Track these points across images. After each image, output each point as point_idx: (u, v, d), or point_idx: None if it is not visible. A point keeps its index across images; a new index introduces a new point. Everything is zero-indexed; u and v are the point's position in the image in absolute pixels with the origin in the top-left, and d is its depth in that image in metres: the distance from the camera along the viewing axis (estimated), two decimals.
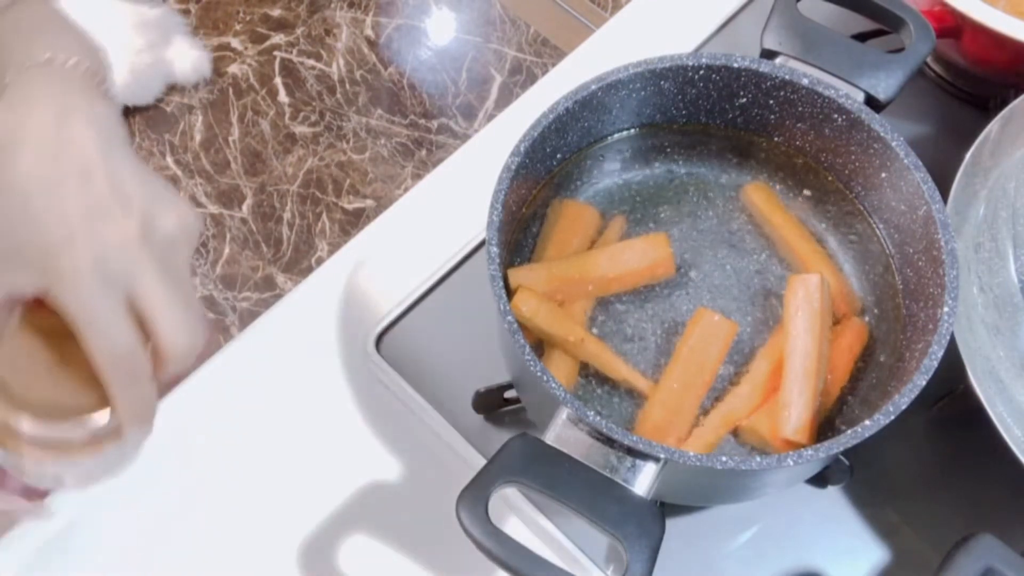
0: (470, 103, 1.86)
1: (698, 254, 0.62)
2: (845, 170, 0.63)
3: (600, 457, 0.49)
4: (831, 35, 0.62)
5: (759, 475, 0.53)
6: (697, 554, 0.62)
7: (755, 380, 0.58)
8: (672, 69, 0.60)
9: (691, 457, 0.50)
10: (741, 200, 0.64)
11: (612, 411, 0.58)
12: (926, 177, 0.56)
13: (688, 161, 0.65)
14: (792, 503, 0.63)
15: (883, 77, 0.60)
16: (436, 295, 0.70)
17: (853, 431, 0.50)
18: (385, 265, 0.73)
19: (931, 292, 0.55)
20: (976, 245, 0.61)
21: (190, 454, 0.62)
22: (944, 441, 0.65)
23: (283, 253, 1.76)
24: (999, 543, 0.52)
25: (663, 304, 0.61)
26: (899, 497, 0.63)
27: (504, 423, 0.65)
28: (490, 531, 0.47)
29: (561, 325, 0.58)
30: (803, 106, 0.61)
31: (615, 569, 0.61)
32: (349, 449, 0.66)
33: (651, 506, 0.49)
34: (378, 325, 0.68)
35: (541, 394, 0.54)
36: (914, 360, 0.54)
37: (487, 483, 0.48)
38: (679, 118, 0.65)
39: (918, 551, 0.61)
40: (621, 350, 0.59)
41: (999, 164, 0.63)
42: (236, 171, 1.83)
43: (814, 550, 0.62)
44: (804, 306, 0.57)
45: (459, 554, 0.57)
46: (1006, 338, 0.58)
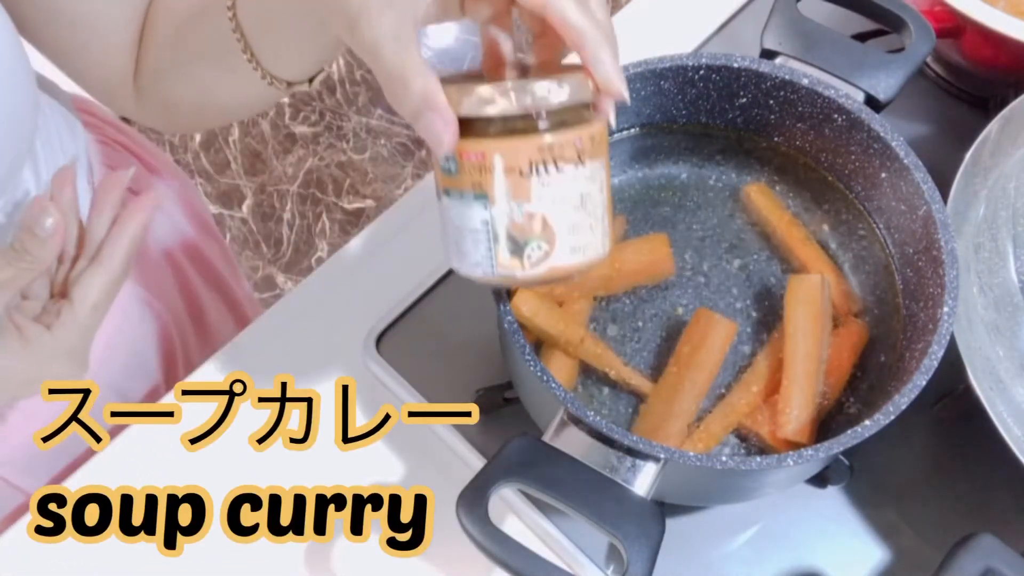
0: None
1: (698, 254, 0.62)
2: (845, 170, 0.63)
3: (600, 457, 0.49)
4: (831, 35, 0.62)
5: (759, 475, 0.53)
6: (697, 554, 0.62)
7: (755, 380, 0.58)
8: (672, 69, 0.60)
9: (691, 457, 0.50)
10: (741, 200, 0.64)
11: (612, 411, 0.58)
12: (926, 177, 0.56)
13: (688, 161, 0.65)
14: (792, 503, 0.63)
15: (883, 77, 0.60)
16: (436, 295, 0.70)
17: (853, 431, 0.50)
18: (385, 265, 0.73)
19: (931, 292, 0.55)
20: (976, 245, 0.61)
21: (189, 454, 0.62)
22: (944, 441, 0.65)
23: (283, 253, 1.76)
24: (999, 543, 0.52)
25: (663, 304, 0.61)
26: (899, 497, 0.63)
27: (504, 423, 0.65)
28: (490, 531, 0.47)
29: (561, 325, 0.58)
30: (803, 106, 0.61)
31: (615, 569, 0.61)
32: (349, 449, 0.65)
33: (651, 506, 0.49)
34: (378, 325, 0.68)
35: (541, 394, 0.54)
36: (914, 360, 0.54)
37: (487, 483, 0.48)
38: (679, 118, 0.65)
39: (918, 551, 0.61)
40: (621, 350, 0.59)
41: (999, 164, 0.63)
42: (236, 171, 1.83)
43: (814, 550, 0.62)
44: (804, 306, 0.57)
45: (459, 554, 0.57)
46: (1006, 338, 0.58)
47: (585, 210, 0.44)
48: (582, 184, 0.44)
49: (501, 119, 0.42)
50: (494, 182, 0.43)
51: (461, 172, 0.43)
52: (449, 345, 0.68)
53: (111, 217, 0.56)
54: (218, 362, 0.70)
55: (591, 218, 0.45)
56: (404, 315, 0.69)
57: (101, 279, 0.54)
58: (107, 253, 0.55)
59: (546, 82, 0.42)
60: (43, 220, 0.52)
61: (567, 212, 0.44)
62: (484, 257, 0.44)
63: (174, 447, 0.62)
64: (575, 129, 0.43)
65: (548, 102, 0.42)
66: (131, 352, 0.74)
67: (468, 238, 0.45)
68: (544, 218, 0.43)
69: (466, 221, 0.44)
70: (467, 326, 0.68)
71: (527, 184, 0.43)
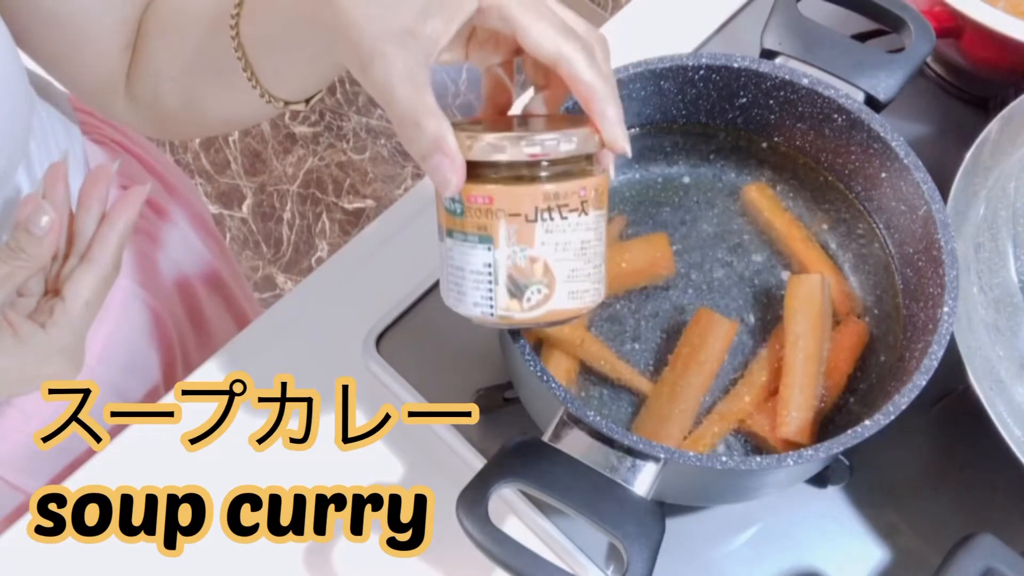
0: (470, 103, 1.86)
1: (698, 254, 0.62)
2: (845, 170, 0.63)
3: (600, 457, 0.49)
4: (831, 35, 0.62)
5: (759, 475, 0.53)
6: (697, 554, 0.62)
7: (755, 380, 0.58)
8: (672, 69, 0.60)
9: (691, 457, 0.50)
10: (741, 200, 0.64)
11: (612, 411, 0.58)
12: (926, 177, 0.56)
13: (688, 161, 0.65)
14: (792, 503, 0.63)
15: (883, 77, 0.60)
16: (437, 294, 0.70)
17: (853, 431, 0.50)
18: (385, 265, 0.73)
19: (931, 292, 0.55)
20: (976, 245, 0.61)
21: (189, 454, 0.62)
22: (944, 441, 0.65)
23: (283, 253, 1.76)
24: (999, 543, 0.52)
25: (663, 304, 0.61)
26: (899, 497, 0.63)
27: (504, 423, 0.65)
28: (490, 531, 0.47)
29: (561, 325, 0.58)
30: (803, 106, 0.61)
31: (615, 569, 0.61)
32: (349, 449, 0.65)
33: (651, 506, 0.49)
34: (378, 325, 0.68)
35: (541, 394, 0.54)
36: (914, 360, 0.54)
37: (487, 483, 0.48)
38: (679, 118, 0.65)
39: (918, 551, 0.61)
40: (621, 350, 0.59)
41: (999, 164, 0.63)
42: (236, 171, 1.83)
43: (814, 550, 0.62)
44: (804, 306, 0.57)
45: (459, 554, 0.57)
46: (1006, 338, 0.58)
47: (584, 257, 0.46)
48: (583, 232, 0.45)
49: (508, 165, 0.44)
50: (499, 226, 0.44)
51: (467, 215, 0.45)
52: (449, 345, 0.68)
53: (99, 213, 0.56)
54: (218, 362, 0.70)
55: (589, 265, 0.46)
56: (404, 315, 0.69)
57: (92, 277, 0.55)
58: (97, 250, 0.55)
59: (556, 133, 0.43)
60: (38, 218, 0.52)
61: (568, 259, 0.45)
62: (484, 298, 0.46)
63: (174, 447, 0.62)
64: (579, 179, 0.45)
65: (557, 152, 0.43)
66: (130, 352, 0.74)
67: (469, 279, 0.46)
68: (546, 263, 0.45)
69: (468, 263, 0.46)
70: (467, 326, 0.68)
71: (532, 229, 0.44)
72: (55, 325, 0.54)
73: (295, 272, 1.75)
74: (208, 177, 1.82)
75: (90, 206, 0.55)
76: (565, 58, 0.43)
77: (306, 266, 1.75)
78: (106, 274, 0.55)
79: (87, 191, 0.56)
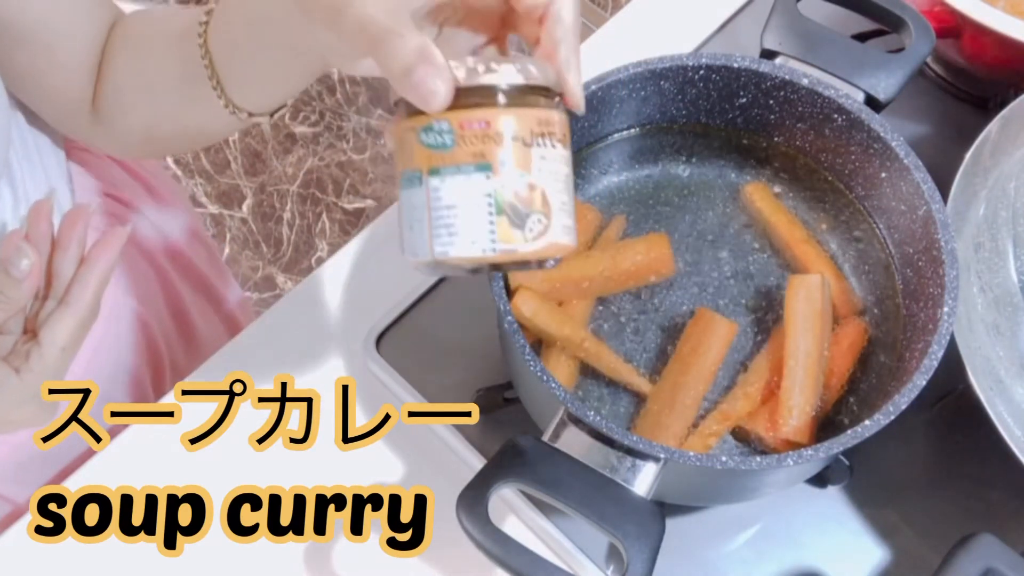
0: None
1: (698, 254, 0.62)
2: (845, 170, 0.63)
3: (600, 457, 0.49)
4: (831, 35, 0.62)
5: (759, 475, 0.53)
6: (697, 554, 0.62)
7: (755, 380, 0.58)
8: (672, 69, 0.61)
9: (691, 457, 0.50)
10: (741, 200, 0.64)
11: (612, 411, 0.58)
12: (926, 177, 0.56)
13: (688, 161, 0.65)
14: (792, 503, 0.63)
15: (883, 77, 0.60)
16: (436, 295, 0.70)
17: (853, 431, 0.50)
18: (385, 265, 0.73)
19: (931, 292, 0.55)
20: (976, 245, 0.61)
21: (189, 454, 0.62)
22: (944, 441, 0.65)
23: (283, 253, 1.76)
24: (999, 543, 0.52)
25: (663, 304, 0.61)
26: (899, 497, 0.63)
27: (504, 423, 0.65)
28: (490, 531, 0.47)
29: (561, 325, 0.58)
30: (803, 106, 0.61)
31: (615, 569, 0.61)
32: (349, 449, 0.65)
33: (651, 506, 0.49)
34: (378, 325, 0.68)
35: (541, 394, 0.54)
36: (914, 360, 0.54)
37: (487, 483, 0.48)
38: (679, 118, 0.65)
39: (918, 551, 0.61)
40: (621, 350, 0.59)
41: (999, 164, 0.63)
42: (236, 171, 1.83)
43: (814, 550, 0.62)
44: (804, 306, 0.57)
45: (459, 554, 0.57)
46: (1006, 338, 0.58)
47: (568, 191, 0.45)
48: (565, 165, 0.45)
49: (503, 90, 0.42)
50: (500, 150, 0.42)
51: (459, 144, 0.42)
52: (449, 345, 0.68)
53: (78, 254, 0.54)
54: (218, 362, 0.70)
55: (572, 201, 0.45)
56: (404, 315, 0.69)
57: (70, 320, 0.53)
58: (75, 295, 0.53)
59: (542, 62, 0.44)
60: (19, 260, 0.51)
61: (559, 189, 0.44)
62: (482, 233, 0.43)
63: (174, 447, 0.62)
64: (559, 111, 0.45)
65: (548, 77, 0.43)
66: (117, 361, 0.74)
67: (464, 215, 0.43)
68: (543, 191, 0.43)
69: (464, 197, 0.43)
70: (467, 326, 0.68)
71: (529, 155, 0.43)
72: (30, 371, 0.53)
73: (295, 272, 1.75)
74: (208, 177, 1.82)
75: (68, 247, 0.54)
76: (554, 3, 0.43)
77: (306, 266, 1.75)
78: (84, 317, 0.54)
79: (65, 232, 0.54)
